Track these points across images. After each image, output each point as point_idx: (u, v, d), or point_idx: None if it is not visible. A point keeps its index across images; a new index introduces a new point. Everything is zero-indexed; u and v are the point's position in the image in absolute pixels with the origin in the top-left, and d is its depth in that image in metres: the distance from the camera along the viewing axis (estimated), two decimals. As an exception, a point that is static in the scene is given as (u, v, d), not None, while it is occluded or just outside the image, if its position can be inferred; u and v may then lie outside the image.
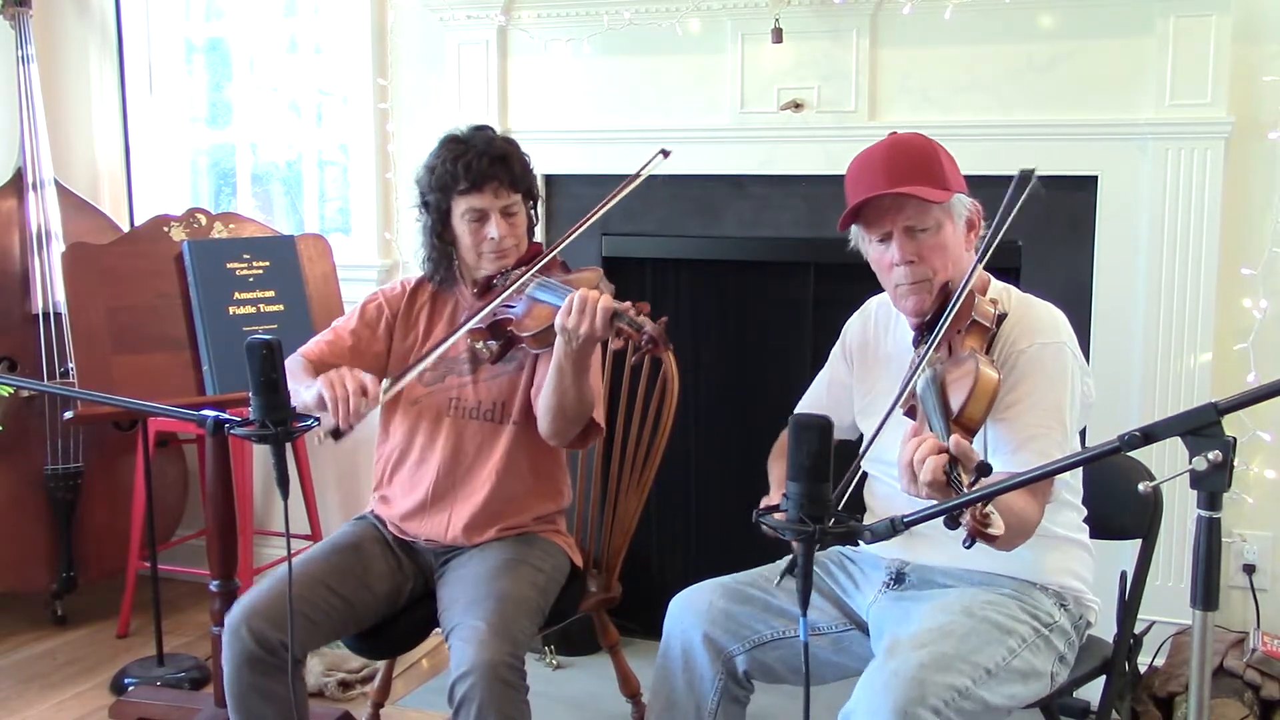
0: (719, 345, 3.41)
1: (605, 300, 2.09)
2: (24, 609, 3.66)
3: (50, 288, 3.51)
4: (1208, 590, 1.34)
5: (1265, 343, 2.85)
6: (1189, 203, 2.80)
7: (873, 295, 2.27)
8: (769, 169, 3.12)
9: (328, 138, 3.92)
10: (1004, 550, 1.82)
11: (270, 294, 3.13)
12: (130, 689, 3.13)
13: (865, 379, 2.21)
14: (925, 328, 2.01)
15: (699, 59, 3.15)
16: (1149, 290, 2.85)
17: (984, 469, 1.63)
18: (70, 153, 3.91)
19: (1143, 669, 2.68)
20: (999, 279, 2.13)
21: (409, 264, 3.53)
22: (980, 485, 1.61)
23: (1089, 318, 2.88)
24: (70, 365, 3.31)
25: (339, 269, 3.30)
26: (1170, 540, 2.82)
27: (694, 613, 2.09)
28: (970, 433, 1.77)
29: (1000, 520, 1.58)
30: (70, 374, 3.33)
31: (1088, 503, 2.12)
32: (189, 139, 4.08)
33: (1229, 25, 2.73)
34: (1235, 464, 1.33)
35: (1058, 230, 2.93)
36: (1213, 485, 1.31)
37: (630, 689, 2.68)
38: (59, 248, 3.49)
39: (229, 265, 3.10)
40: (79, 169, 3.93)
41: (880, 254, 2.04)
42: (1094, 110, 2.86)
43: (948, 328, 1.91)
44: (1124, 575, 2.12)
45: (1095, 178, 2.88)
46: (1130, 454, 1.44)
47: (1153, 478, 1.92)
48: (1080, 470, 2.10)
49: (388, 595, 2.38)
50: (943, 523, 1.58)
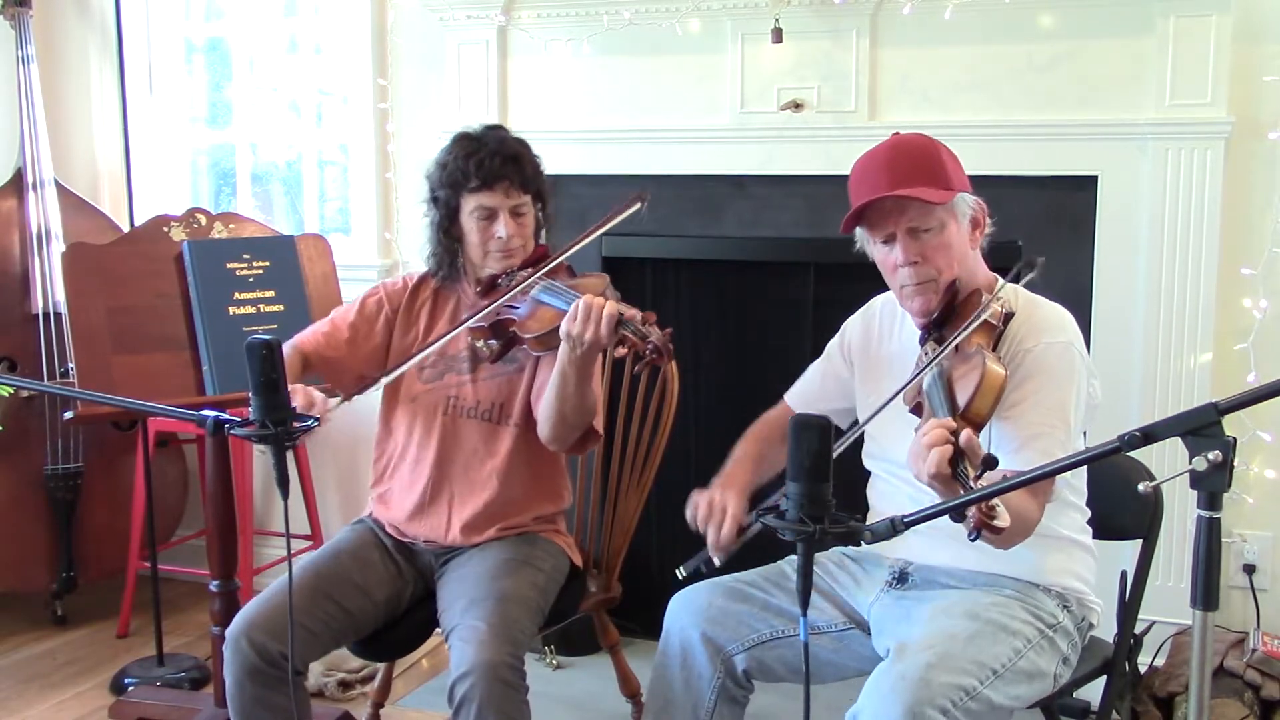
0: (719, 345, 3.41)
1: (611, 307, 2.09)
2: (24, 609, 3.66)
3: (50, 288, 3.51)
4: (1208, 590, 1.34)
5: (1265, 343, 2.85)
6: (1189, 203, 2.80)
7: (875, 295, 2.27)
8: (769, 169, 3.12)
9: (328, 138, 3.92)
10: (1003, 548, 1.82)
11: (270, 294, 3.13)
12: (130, 689, 3.13)
13: (868, 379, 2.21)
14: (932, 325, 2.01)
15: (699, 59, 3.15)
16: (1149, 290, 2.85)
17: (990, 462, 1.64)
18: (70, 153, 3.91)
19: (1143, 669, 2.67)
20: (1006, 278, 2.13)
21: (409, 264, 3.54)
22: (985, 479, 1.61)
23: (1089, 318, 2.87)
24: (70, 365, 3.31)
25: (339, 269, 3.30)
26: (1170, 540, 2.82)
27: (693, 611, 2.09)
28: (976, 427, 1.77)
29: (1006, 513, 1.58)
30: (70, 374, 3.33)
31: (1088, 503, 2.12)
32: (189, 139, 4.08)
33: (1229, 25, 2.73)
34: (1235, 464, 1.32)
35: (1058, 230, 2.92)
36: (1213, 485, 1.31)
37: (630, 689, 2.68)
38: (59, 248, 3.49)
39: (229, 265, 3.09)
40: (79, 169, 3.93)
41: (885, 255, 2.04)
42: (1094, 110, 2.86)
43: (958, 329, 1.92)
44: (1124, 575, 2.12)
45: (1095, 178, 2.88)
46: (1130, 454, 1.44)
47: (1153, 478, 1.92)
48: (1084, 471, 2.10)
49: (388, 602, 2.38)
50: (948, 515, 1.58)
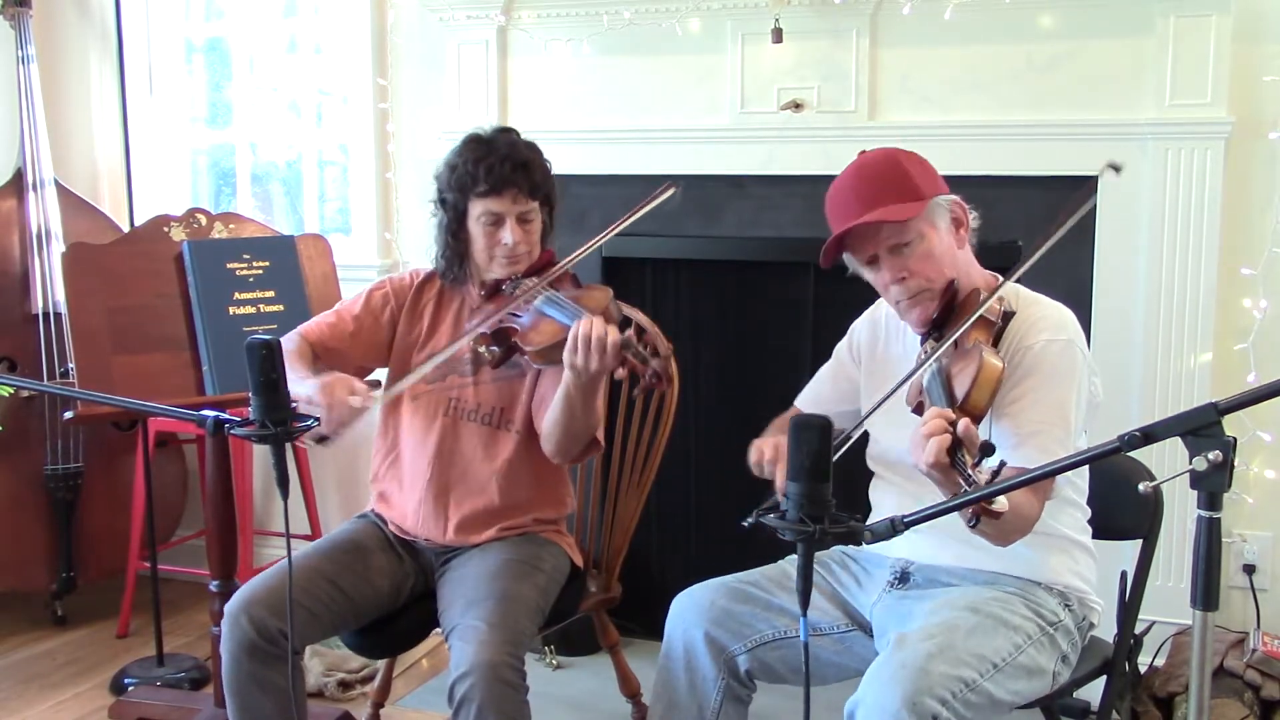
0: (719, 345, 3.41)
1: (613, 335, 2.10)
2: (24, 609, 3.66)
3: (50, 288, 3.51)
4: (1208, 590, 1.34)
5: (1265, 343, 2.85)
6: (1189, 203, 2.80)
7: (876, 295, 2.27)
8: (769, 169, 3.12)
9: (328, 138, 3.92)
10: (1002, 544, 1.82)
11: (270, 294, 3.13)
12: (130, 689, 3.13)
13: (874, 380, 2.20)
14: (933, 325, 2.02)
15: (699, 59, 3.15)
16: (1149, 290, 2.85)
17: (987, 449, 1.64)
18: (70, 153, 3.91)
19: (1143, 669, 2.68)
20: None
21: (409, 264, 3.54)
22: (983, 465, 1.62)
23: (1089, 318, 2.87)
24: (70, 365, 3.31)
25: (339, 269, 3.30)
26: (1170, 540, 2.82)
27: (696, 612, 2.09)
28: (974, 420, 1.77)
29: (1003, 497, 1.58)
30: (70, 374, 3.33)
31: (1089, 503, 2.12)
32: (189, 139, 4.08)
33: (1229, 25, 2.74)
34: (1235, 464, 1.33)
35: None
36: (1213, 485, 1.32)
37: (630, 689, 2.68)
38: (59, 248, 3.49)
39: (229, 265, 3.09)
40: (79, 169, 3.92)
41: (874, 277, 2.06)
42: (1094, 110, 2.86)
43: (956, 327, 1.93)
44: (1124, 575, 2.12)
45: (1095, 178, 2.88)
46: (1130, 454, 1.44)
47: (1153, 478, 1.92)
48: (1086, 471, 2.10)
49: (388, 591, 2.38)
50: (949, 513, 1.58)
